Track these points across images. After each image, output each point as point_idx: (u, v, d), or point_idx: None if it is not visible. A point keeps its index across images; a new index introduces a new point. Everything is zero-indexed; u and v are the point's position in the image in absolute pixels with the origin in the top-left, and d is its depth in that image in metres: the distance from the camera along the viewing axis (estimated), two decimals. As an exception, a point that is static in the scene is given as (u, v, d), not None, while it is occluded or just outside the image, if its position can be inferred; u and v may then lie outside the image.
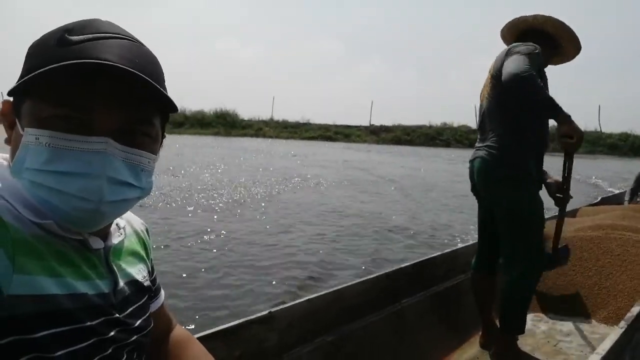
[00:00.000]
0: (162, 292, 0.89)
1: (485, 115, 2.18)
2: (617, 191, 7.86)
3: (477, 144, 2.23)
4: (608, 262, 2.93)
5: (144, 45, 0.65)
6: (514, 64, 1.88)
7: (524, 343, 2.34)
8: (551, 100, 1.88)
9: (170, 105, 0.63)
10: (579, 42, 2.18)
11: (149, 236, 0.84)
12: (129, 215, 0.81)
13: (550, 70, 2.24)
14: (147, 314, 0.76)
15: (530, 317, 2.75)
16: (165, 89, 0.65)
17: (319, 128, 35.66)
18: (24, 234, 0.56)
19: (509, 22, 2.22)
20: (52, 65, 0.54)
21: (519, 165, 2.04)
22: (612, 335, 1.55)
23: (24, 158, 0.57)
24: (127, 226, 0.77)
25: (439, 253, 2.63)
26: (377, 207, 7.79)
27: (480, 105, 2.24)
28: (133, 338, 0.69)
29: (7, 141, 0.62)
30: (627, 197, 5.40)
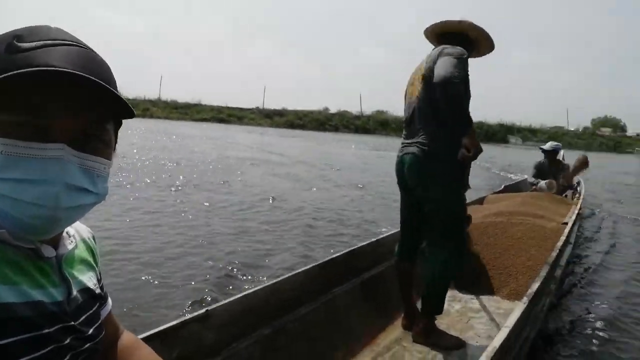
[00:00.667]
0: (109, 299, 0.89)
1: (416, 113, 2.28)
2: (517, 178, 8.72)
3: (405, 140, 2.35)
4: (510, 245, 3.29)
5: (94, 51, 0.65)
6: (446, 67, 2.01)
7: (441, 322, 2.56)
8: (467, 113, 2.06)
9: (125, 111, 0.64)
10: (493, 42, 2.39)
11: (95, 243, 0.84)
12: (76, 223, 0.80)
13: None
14: (99, 322, 0.76)
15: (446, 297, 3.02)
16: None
17: (212, 110, 35.51)
18: None
19: (436, 24, 2.36)
20: (7, 74, 0.54)
21: (450, 163, 2.17)
22: (515, 311, 1.78)
23: None
24: (76, 234, 0.77)
25: (365, 242, 2.78)
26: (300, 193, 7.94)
27: (409, 103, 2.35)
28: (86, 346, 0.70)
29: None
30: (531, 180, 6.03)
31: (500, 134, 39.73)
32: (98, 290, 0.78)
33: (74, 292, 0.69)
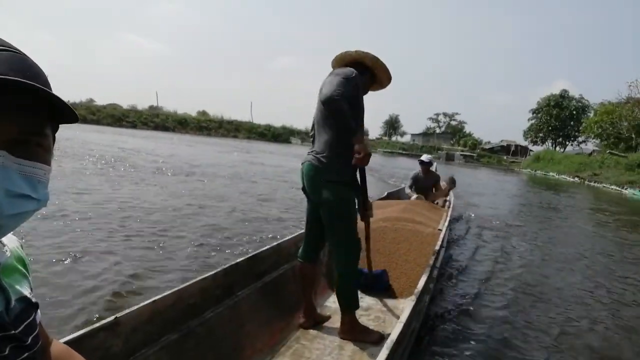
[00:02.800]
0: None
1: (315, 126, 2.54)
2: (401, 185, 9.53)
3: (309, 150, 2.56)
4: (393, 249, 3.66)
5: (28, 57, 0.64)
6: (329, 86, 2.25)
7: (335, 321, 2.78)
8: (349, 123, 2.28)
9: (64, 115, 0.64)
10: (389, 74, 2.68)
11: (23, 251, 0.82)
12: None
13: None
14: (37, 331, 0.76)
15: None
16: None
17: None
18: None
19: (338, 55, 2.59)
20: None
21: (340, 172, 2.43)
22: (406, 308, 2.04)
23: None
24: (8, 244, 0.75)
25: (267, 247, 2.88)
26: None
27: (314, 116, 2.57)
28: (25, 355, 0.69)
29: None
30: (408, 192, 6.72)
31: (285, 135, 47.97)
32: (34, 299, 0.77)
33: (13, 302, 0.68)
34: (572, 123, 55.01)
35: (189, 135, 37.40)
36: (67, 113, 0.63)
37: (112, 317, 1.59)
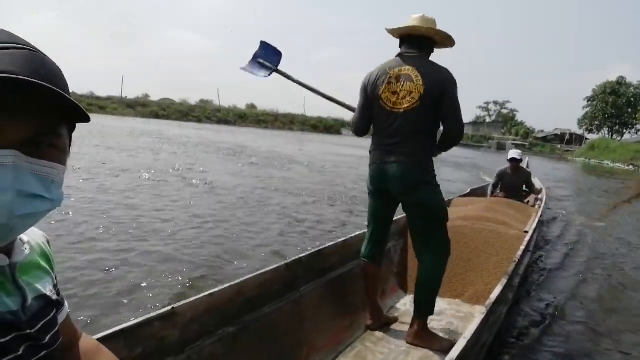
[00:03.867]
0: (66, 302, 0.88)
1: (401, 124, 2.35)
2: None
3: (385, 147, 2.40)
4: (473, 250, 3.40)
5: (45, 55, 0.63)
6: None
7: (404, 322, 2.64)
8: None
9: (79, 115, 0.63)
10: (454, 42, 2.50)
11: (50, 247, 0.83)
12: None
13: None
14: (56, 329, 0.75)
15: (409, 299, 3.09)
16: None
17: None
18: None
19: (402, 27, 2.41)
20: None
21: (433, 172, 2.40)
22: (474, 321, 1.85)
23: None
24: (30, 240, 0.75)
25: (332, 243, 2.81)
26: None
27: (390, 112, 2.38)
28: (43, 353, 0.69)
29: None
30: (489, 190, 6.21)
31: (336, 126, 49.76)
32: (55, 297, 0.77)
33: (30, 300, 0.68)
34: (629, 110, 53.34)
35: (249, 128, 39.10)
36: (80, 114, 0.62)
37: (169, 307, 1.62)
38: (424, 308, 2.43)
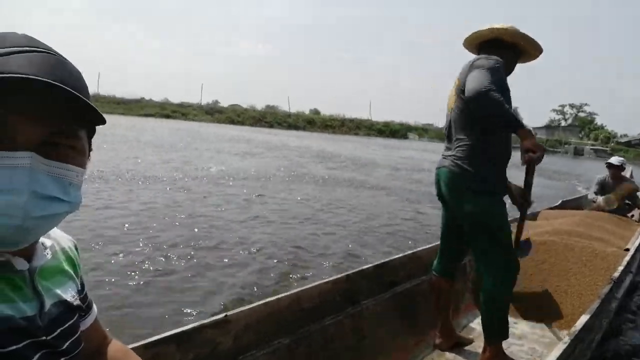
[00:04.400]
0: (94, 307, 0.88)
1: (452, 125, 2.21)
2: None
3: (444, 152, 2.27)
4: (562, 269, 3.04)
5: (65, 58, 0.63)
6: (476, 80, 1.93)
7: (478, 346, 2.41)
8: (511, 115, 1.91)
9: (96, 118, 0.62)
10: (537, 44, 2.22)
11: (77, 252, 0.83)
12: (55, 232, 0.79)
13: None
14: (77, 335, 0.74)
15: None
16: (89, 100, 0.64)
17: (154, 106, 37.76)
18: None
19: (467, 38, 2.25)
20: None
21: (485, 179, 2.08)
22: (559, 345, 1.62)
23: None
24: (54, 244, 0.75)
25: (399, 255, 2.67)
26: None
27: (448, 114, 2.26)
28: None
29: None
30: (592, 198, 5.53)
31: (402, 131, 49.62)
32: (77, 302, 0.76)
33: (48, 306, 0.67)
34: None
35: (318, 133, 39.85)
36: (96, 116, 0.62)
37: (222, 315, 1.61)
38: (492, 331, 2.17)
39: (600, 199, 5.25)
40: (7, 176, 0.55)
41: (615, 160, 5.56)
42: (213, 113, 40.11)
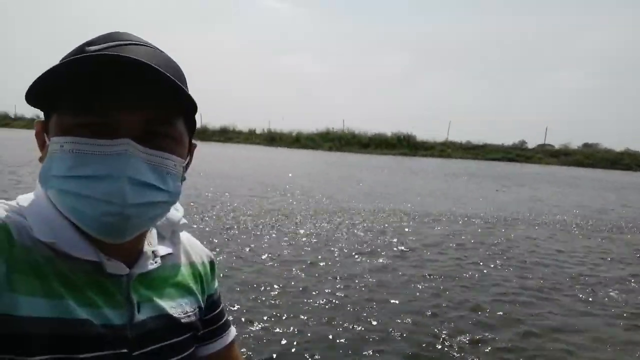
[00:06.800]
0: (231, 330, 0.84)
1: None
2: None
3: None
4: None
5: (165, 52, 0.65)
6: None
7: None
8: None
9: (192, 107, 0.62)
10: None
11: (212, 269, 0.81)
12: (194, 243, 0.79)
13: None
14: (184, 355, 0.69)
15: None
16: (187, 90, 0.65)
17: (498, 150, 37.35)
18: (33, 254, 0.57)
19: None
20: (76, 57, 0.54)
21: None
22: None
23: (50, 166, 0.58)
24: (177, 256, 0.74)
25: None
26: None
27: None
28: None
29: (41, 160, 0.63)
30: None
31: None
32: (189, 319, 0.71)
33: (142, 317, 0.64)
34: None
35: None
36: (193, 106, 0.62)
37: None
38: None
39: None
40: (106, 163, 0.56)
41: None
42: (559, 156, 37.23)
